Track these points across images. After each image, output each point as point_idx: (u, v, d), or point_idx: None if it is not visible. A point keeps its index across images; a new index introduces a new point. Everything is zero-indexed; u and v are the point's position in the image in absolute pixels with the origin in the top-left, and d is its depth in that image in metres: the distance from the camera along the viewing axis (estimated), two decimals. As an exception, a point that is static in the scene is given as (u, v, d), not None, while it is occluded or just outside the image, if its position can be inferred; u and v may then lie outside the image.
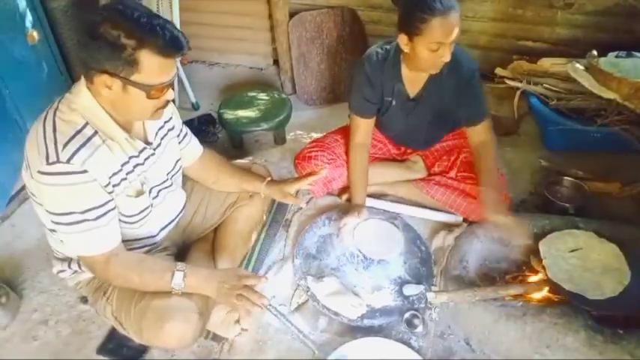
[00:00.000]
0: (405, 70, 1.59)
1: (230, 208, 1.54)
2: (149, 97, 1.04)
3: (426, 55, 1.40)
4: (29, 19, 1.99)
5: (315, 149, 1.86)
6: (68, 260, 1.28)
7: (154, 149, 1.23)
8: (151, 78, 1.01)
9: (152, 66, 1.00)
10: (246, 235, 1.57)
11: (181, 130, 1.38)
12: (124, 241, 1.19)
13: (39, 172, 1.01)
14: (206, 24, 2.91)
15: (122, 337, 1.40)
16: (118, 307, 1.24)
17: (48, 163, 0.99)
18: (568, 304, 1.33)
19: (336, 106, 2.68)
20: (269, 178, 1.48)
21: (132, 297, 1.20)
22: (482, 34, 2.39)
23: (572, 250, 1.44)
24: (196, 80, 2.84)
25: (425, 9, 1.32)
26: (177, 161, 1.36)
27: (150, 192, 1.24)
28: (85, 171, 1.03)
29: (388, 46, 1.59)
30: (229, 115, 2.23)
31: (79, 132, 1.04)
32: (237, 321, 1.40)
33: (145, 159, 1.20)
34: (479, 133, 1.63)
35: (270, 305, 1.53)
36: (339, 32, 2.58)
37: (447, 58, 1.40)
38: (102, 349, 1.43)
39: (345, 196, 1.93)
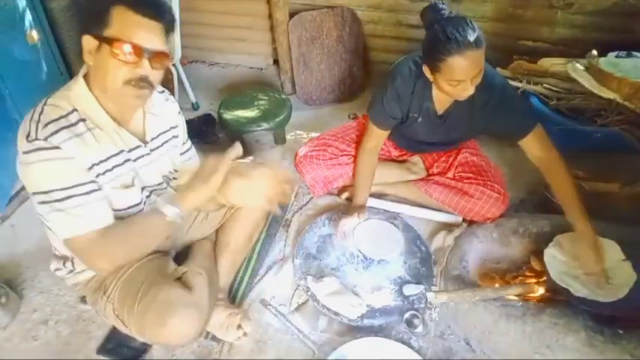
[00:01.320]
0: (435, 90, 1.54)
1: (232, 208, 1.53)
2: (113, 54, 1.00)
3: (449, 89, 1.38)
4: (29, 18, 1.99)
5: (316, 149, 1.86)
6: (65, 259, 1.27)
7: (151, 150, 1.22)
8: (119, 32, 1.00)
9: (123, 21, 1.01)
10: (249, 235, 1.56)
11: (184, 143, 1.38)
12: None
13: (22, 152, 1.01)
14: (206, 24, 2.91)
15: (122, 337, 1.40)
16: (120, 304, 1.23)
17: (27, 141, 1.00)
18: (568, 304, 1.32)
19: (336, 106, 2.68)
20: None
21: (135, 293, 1.20)
22: (482, 34, 2.39)
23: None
24: (196, 80, 2.83)
25: (442, 49, 1.29)
26: (176, 169, 1.35)
27: (142, 190, 1.22)
28: (60, 148, 1.01)
29: (421, 61, 1.51)
30: (229, 115, 2.23)
31: (63, 117, 1.05)
32: (239, 326, 1.39)
33: (138, 157, 1.19)
34: (531, 147, 1.52)
35: (270, 305, 1.54)
36: (339, 32, 2.57)
37: (470, 92, 1.36)
38: (102, 349, 1.43)
39: (344, 195, 1.94)
